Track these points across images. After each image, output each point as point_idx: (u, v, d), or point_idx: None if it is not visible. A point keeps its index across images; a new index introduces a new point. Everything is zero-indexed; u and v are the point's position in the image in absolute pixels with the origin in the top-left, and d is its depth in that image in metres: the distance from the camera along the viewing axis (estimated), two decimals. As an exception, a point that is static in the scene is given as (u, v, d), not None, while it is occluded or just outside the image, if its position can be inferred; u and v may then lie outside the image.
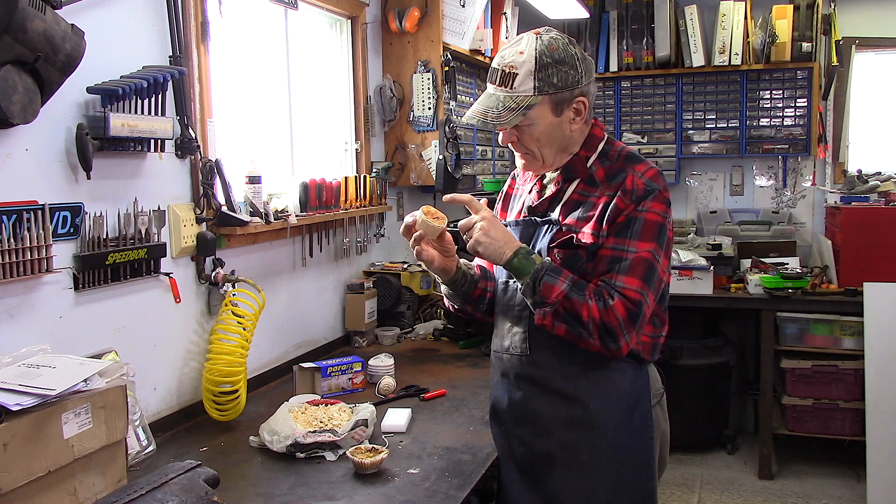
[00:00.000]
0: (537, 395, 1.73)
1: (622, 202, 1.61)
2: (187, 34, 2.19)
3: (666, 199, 1.63)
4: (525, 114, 1.62)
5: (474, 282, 1.84)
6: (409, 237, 1.73)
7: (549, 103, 1.63)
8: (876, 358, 3.65)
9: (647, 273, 1.58)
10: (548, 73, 1.61)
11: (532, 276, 1.59)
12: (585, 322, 1.55)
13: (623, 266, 1.58)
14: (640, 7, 4.52)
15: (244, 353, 2.22)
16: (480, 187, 3.87)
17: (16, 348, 1.60)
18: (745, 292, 4.00)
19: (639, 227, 1.59)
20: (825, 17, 4.30)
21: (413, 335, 3.20)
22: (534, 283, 1.59)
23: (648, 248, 1.59)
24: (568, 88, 1.63)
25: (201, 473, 1.55)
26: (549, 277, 1.58)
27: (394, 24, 3.38)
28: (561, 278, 1.58)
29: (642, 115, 4.68)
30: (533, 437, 1.74)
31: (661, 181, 1.65)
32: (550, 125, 1.65)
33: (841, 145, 4.53)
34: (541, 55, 1.61)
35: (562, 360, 1.68)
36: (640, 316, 1.58)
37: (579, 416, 1.68)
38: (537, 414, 1.73)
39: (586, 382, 1.67)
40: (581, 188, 1.70)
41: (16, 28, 1.53)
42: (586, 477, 1.69)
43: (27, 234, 1.67)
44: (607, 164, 1.69)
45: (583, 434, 1.68)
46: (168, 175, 2.16)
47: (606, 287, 1.58)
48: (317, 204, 2.78)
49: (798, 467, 4.12)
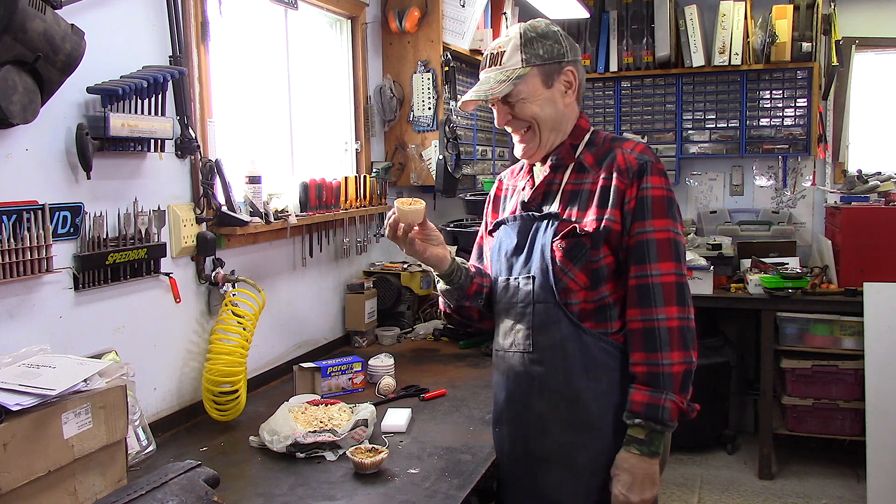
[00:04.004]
0: (538, 394, 1.72)
1: (621, 182, 1.63)
2: (187, 34, 2.19)
3: (662, 171, 1.66)
4: (515, 84, 1.65)
5: (470, 276, 1.83)
6: (396, 236, 1.75)
7: (539, 75, 1.67)
8: (876, 358, 3.65)
9: (675, 251, 1.62)
10: (533, 46, 1.67)
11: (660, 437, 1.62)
12: (687, 365, 1.61)
13: (652, 253, 1.61)
14: (640, 7, 4.52)
15: (244, 353, 2.22)
16: (480, 187, 3.87)
17: (16, 348, 1.60)
18: (745, 292, 4.00)
19: (650, 207, 1.62)
20: (825, 17, 4.30)
21: (413, 335, 3.20)
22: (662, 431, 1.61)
23: (666, 227, 1.62)
24: (555, 60, 1.68)
25: (201, 473, 1.55)
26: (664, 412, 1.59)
27: (394, 24, 3.38)
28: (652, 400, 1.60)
29: (642, 115, 4.68)
30: (531, 437, 1.74)
31: (651, 153, 1.68)
32: (543, 98, 1.68)
33: (841, 145, 4.53)
34: (525, 31, 1.69)
35: (566, 359, 1.68)
36: (686, 290, 1.63)
37: (579, 418, 1.68)
38: (536, 414, 1.73)
39: (588, 383, 1.67)
40: (573, 178, 1.71)
41: (16, 28, 1.53)
42: (584, 479, 1.68)
43: (27, 234, 1.67)
44: (594, 150, 1.72)
45: (582, 436, 1.68)
46: (168, 175, 2.16)
47: (646, 296, 1.61)
48: (317, 204, 2.78)
49: (798, 467, 4.12)
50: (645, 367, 1.60)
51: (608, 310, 1.67)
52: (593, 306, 1.67)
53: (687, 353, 1.61)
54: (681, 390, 1.60)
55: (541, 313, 1.70)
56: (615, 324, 1.67)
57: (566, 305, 1.67)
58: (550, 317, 1.68)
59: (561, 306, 1.67)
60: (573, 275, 1.65)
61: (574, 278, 1.65)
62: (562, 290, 1.66)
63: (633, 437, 1.61)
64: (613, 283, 1.67)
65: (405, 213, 1.70)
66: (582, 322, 1.66)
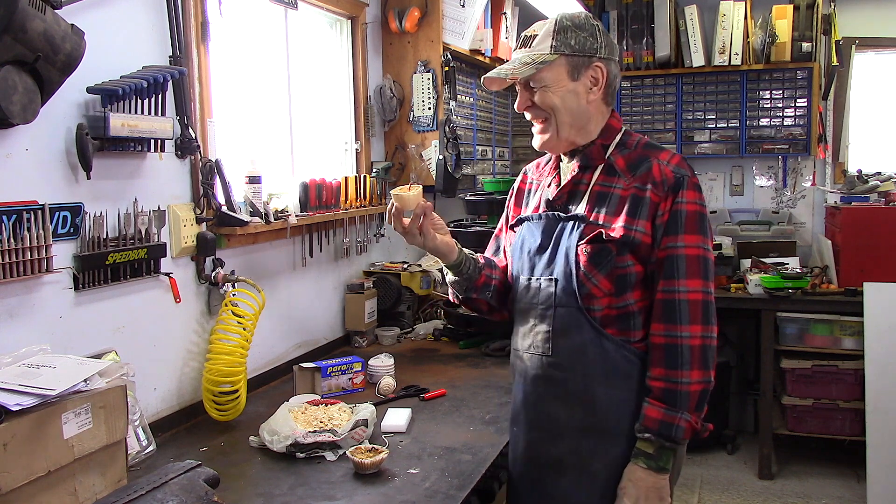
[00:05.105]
0: (554, 397, 1.70)
1: (655, 194, 1.61)
2: (187, 34, 2.19)
3: (697, 185, 1.64)
4: (538, 68, 1.63)
5: (478, 267, 1.82)
6: (403, 227, 1.72)
7: (566, 65, 1.64)
8: (876, 358, 3.65)
9: (704, 268, 1.61)
10: (566, 35, 1.63)
11: (671, 453, 1.61)
12: (705, 384, 1.59)
13: (681, 268, 1.59)
14: (640, 7, 4.52)
15: (244, 353, 2.22)
16: (480, 187, 3.87)
17: (16, 348, 1.60)
18: (745, 292, 4.00)
19: (683, 222, 1.60)
20: (825, 17, 4.30)
21: (413, 335, 3.20)
22: (673, 449, 1.60)
23: (697, 243, 1.60)
24: (585, 54, 1.64)
25: (201, 473, 1.55)
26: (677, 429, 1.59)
27: (394, 24, 3.38)
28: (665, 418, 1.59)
29: (642, 115, 4.68)
30: (546, 440, 1.72)
31: (687, 166, 1.65)
32: (565, 89, 1.65)
33: (841, 145, 4.53)
34: (562, 19, 1.66)
35: (585, 364, 1.66)
36: (711, 308, 1.61)
37: (595, 424, 1.66)
38: (551, 418, 1.71)
39: (606, 389, 1.65)
40: (602, 179, 1.68)
41: (16, 28, 1.53)
42: (597, 485, 1.66)
43: (27, 234, 1.67)
44: (626, 153, 1.68)
45: (597, 442, 1.66)
46: (168, 175, 2.16)
47: (671, 312, 1.59)
48: (317, 204, 2.78)
49: (798, 467, 4.12)
50: (663, 384, 1.58)
51: (632, 318, 1.65)
52: (616, 313, 1.64)
53: (706, 373, 1.59)
54: (696, 409, 1.58)
55: (562, 317, 1.67)
56: (638, 332, 1.65)
57: (588, 311, 1.64)
58: (572, 321, 1.66)
59: (583, 311, 1.64)
60: (597, 280, 1.62)
61: (598, 284, 1.62)
62: (585, 295, 1.63)
63: (642, 451, 1.60)
64: (641, 291, 1.64)
65: (405, 200, 1.69)
66: (604, 328, 1.64)
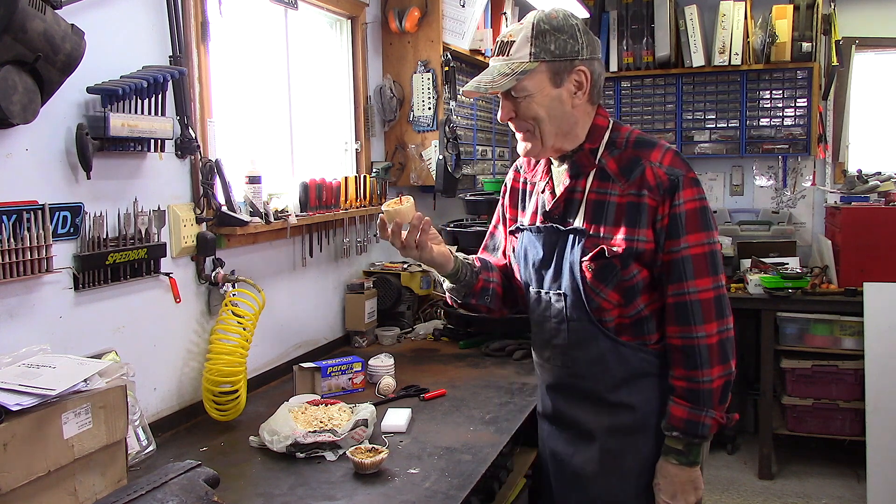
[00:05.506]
0: (580, 403, 1.71)
1: (653, 199, 1.58)
2: (187, 34, 2.19)
3: (694, 181, 1.60)
4: (519, 79, 1.55)
5: (475, 273, 1.80)
6: (400, 241, 1.65)
7: (547, 72, 1.56)
8: (876, 358, 3.65)
9: (711, 264, 1.59)
10: (545, 39, 1.55)
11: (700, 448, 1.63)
12: (727, 377, 1.61)
13: (688, 270, 1.58)
14: (640, 7, 4.52)
15: (244, 353, 2.22)
16: (480, 187, 3.86)
17: (16, 348, 1.60)
18: (745, 292, 4.00)
19: (683, 223, 1.57)
20: (825, 17, 4.30)
21: (413, 335, 3.20)
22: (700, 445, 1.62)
23: (700, 241, 1.58)
24: (566, 58, 1.56)
25: (201, 473, 1.55)
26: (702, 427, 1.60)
27: (394, 24, 3.38)
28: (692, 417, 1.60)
29: (642, 115, 4.68)
30: (576, 443, 1.73)
31: (681, 162, 1.61)
32: (549, 97, 1.58)
33: (841, 145, 4.53)
34: (538, 22, 1.56)
35: (605, 371, 1.66)
36: (724, 301, 1.61)
37: (623, 423, 1.67)
38: (580, 422, 1.72)
39: (628, 390, 1.65)
40: (596, 185, 1.63)
41: (16, 28, 1.52)
42: (632, 481, 1.67)
43: (27, 234, 1.67)
44: (617, 154, 1.63)
45: (627, 440, 1.67)
46: (168, 175, 2.16)
47: (684, 315, 1.59)
48: (317, 204, 2.78)
49: (798, 467, 4.12)
50: (685, 383, 1.59)
51: (645, 323, 1.65)
52: (629, 321, 1.64)
53: (727, 366, 1.59)
54: (720, 403, 1.59)
55: (576, 331, 1.67)
56: (653, 336, 1.65)
57: (601, 322, 1.64)
58: (586, 334, 1.66)
59: (596, 323, 1.64)
60: (605, 295, 1.61)
61: (606, 298, 1.61)
62: (595, 308, 1.63)
63: (672, 448, 1.61)
64: (648, 295, 1.63)
65: (403, 213, 1.65)
66: (619, 336, 1.64)
